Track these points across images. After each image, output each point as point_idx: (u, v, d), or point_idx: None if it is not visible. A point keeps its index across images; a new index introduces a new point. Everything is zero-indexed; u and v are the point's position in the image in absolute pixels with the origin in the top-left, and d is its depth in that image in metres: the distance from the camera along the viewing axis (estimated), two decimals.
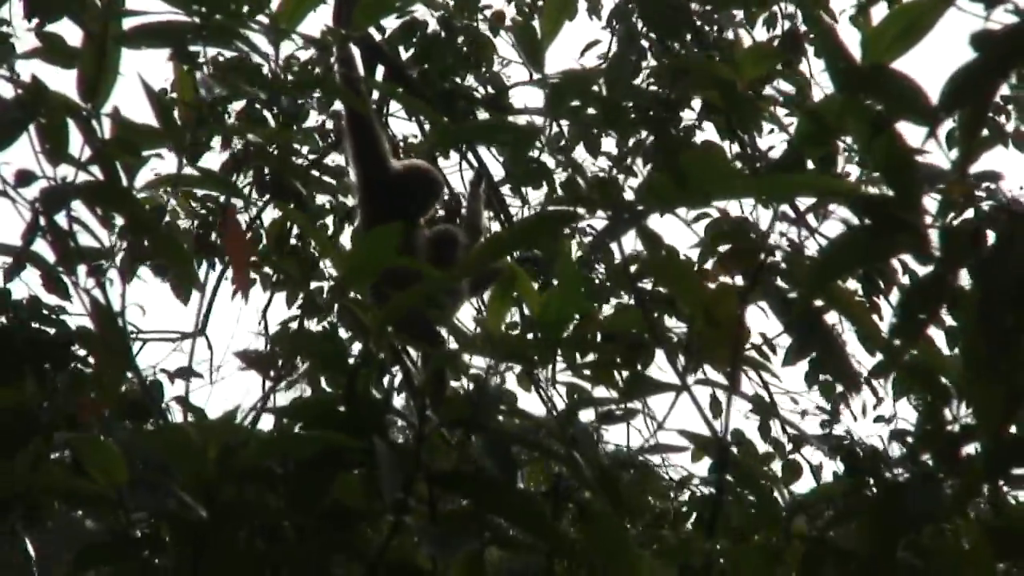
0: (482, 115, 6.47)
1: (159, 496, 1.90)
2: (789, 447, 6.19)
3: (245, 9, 2.37)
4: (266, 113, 5.86)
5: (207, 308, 6.08)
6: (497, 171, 6.70)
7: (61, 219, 2.29)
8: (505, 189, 6.79)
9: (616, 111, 2.21)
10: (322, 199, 6.60)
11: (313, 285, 6.63)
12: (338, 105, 5.83)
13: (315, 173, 6.18)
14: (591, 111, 2.42)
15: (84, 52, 2.29)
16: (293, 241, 6.56)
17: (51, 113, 2.24)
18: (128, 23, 2.36)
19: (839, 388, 6.45)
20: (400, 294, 2.05)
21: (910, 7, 1.95)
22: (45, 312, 5.27)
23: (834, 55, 1.92)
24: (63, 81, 2.41)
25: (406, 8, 5.93)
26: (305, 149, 6.39)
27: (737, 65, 2.34)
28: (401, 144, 6.80)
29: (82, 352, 5.26)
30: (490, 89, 6.56)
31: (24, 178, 2.29)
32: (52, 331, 5.24)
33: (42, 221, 2.26)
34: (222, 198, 6.40)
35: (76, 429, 4.60)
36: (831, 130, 2.02)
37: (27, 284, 5.33)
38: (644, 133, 5.88)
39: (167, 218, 5.86)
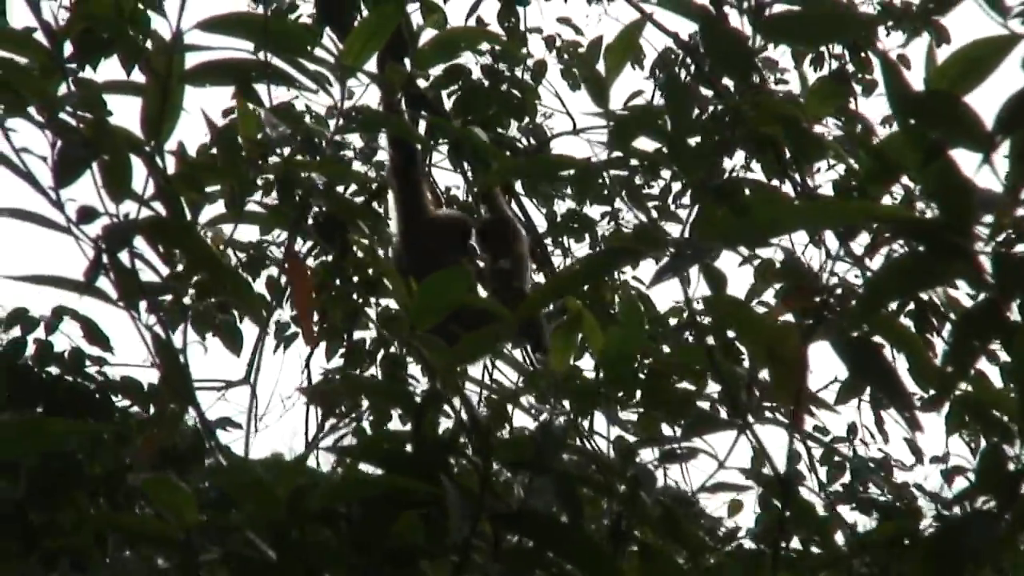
0: None
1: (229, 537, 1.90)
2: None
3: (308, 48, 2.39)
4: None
5: (253, 356, 6.07)
6: (540, 223, 6.72)
7: (124, 256, 2.30)
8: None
9: (681, 146, 2.20)
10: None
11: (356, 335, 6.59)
12: (382, 156, 5.87)
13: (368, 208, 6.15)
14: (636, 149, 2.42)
15: (148, 90, 2.31)
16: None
17: (114, 150, 2.25)
18: (191, 60, 2.38)
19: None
20: (470, 335, 2.06)
21: (974, 46, 1.93)
22: (87, 363, 5.29)
23: (896, 85, 1.90)
24: (123, 112, 2.43)
25: (465, 51, 5.95)
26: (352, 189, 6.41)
27: (802, 102, 2.34)
28: (443, 194, 6.79)
29: (125, 403, 5.29)
30: (532, 141, 6.56)
31: (87, 215, 2.30)
32: (93, 384, 5.27)
33: (105, 258, 2.26)
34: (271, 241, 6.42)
35: (119, 484, 4.62)
36: (895, 168, 2.00)
37: (68, 336, 5.36)
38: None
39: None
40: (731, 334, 2.28)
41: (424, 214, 5.01)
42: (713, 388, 2.38)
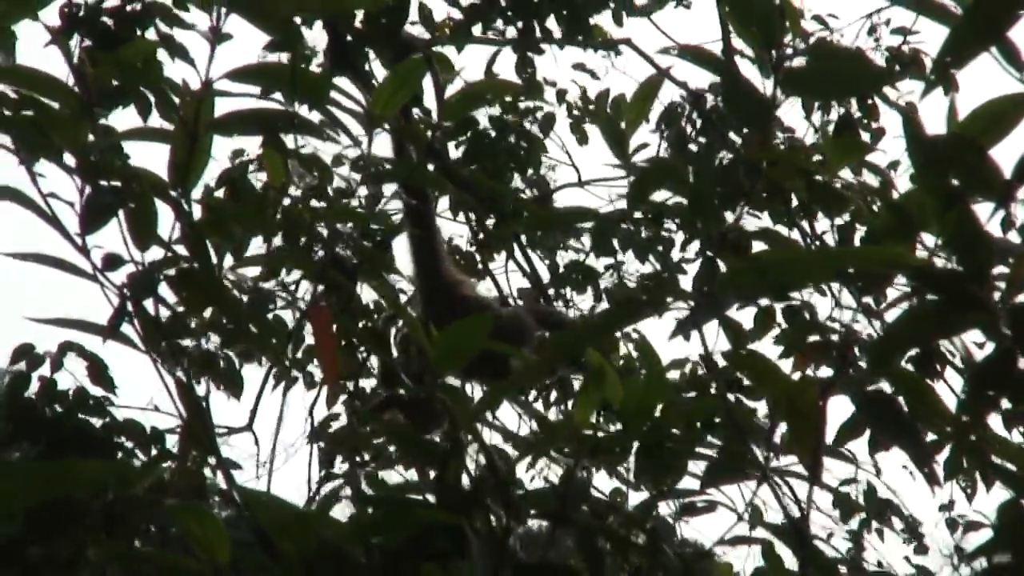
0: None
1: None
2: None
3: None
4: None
5: (257, 402, 6.08)
6: (543, 273, 6.72)
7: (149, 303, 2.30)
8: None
9: (705, 199, 2.21)
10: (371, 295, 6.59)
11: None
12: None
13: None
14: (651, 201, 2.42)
15: (175, 137, 2.32)
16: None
17: (141, 197, 2.26)
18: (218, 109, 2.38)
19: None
20: (495, 385, 2.07)
21: (996, 103, 1.94)
22: (91, 403, 5.31)
23: (915, 135, 1.90)
24: (140, 159, 2.43)
25: (492, 103, 5.96)
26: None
27: (817, 152, 2.35)
28: (447, 243, 6.75)
29: (128, 444, 5.30)
30: (535, 192, 6.57)
31: (112, 262, 2.30)
32: (98, 422, 5.28)
33: (130, 306, 2.27)
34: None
35: (119, 521, 4.62)
36: (913, 222, 2.00)
37: (73, 375, 5.37)
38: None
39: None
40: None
41: (446, 279, 4.92)
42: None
